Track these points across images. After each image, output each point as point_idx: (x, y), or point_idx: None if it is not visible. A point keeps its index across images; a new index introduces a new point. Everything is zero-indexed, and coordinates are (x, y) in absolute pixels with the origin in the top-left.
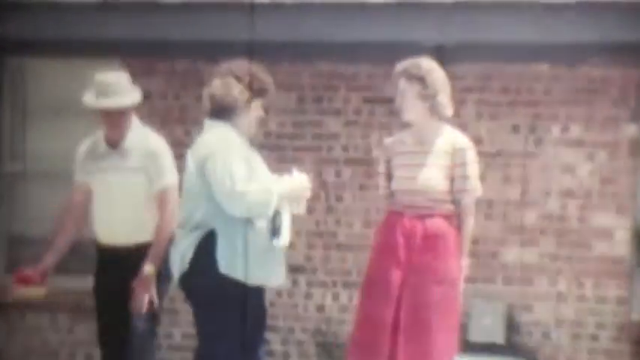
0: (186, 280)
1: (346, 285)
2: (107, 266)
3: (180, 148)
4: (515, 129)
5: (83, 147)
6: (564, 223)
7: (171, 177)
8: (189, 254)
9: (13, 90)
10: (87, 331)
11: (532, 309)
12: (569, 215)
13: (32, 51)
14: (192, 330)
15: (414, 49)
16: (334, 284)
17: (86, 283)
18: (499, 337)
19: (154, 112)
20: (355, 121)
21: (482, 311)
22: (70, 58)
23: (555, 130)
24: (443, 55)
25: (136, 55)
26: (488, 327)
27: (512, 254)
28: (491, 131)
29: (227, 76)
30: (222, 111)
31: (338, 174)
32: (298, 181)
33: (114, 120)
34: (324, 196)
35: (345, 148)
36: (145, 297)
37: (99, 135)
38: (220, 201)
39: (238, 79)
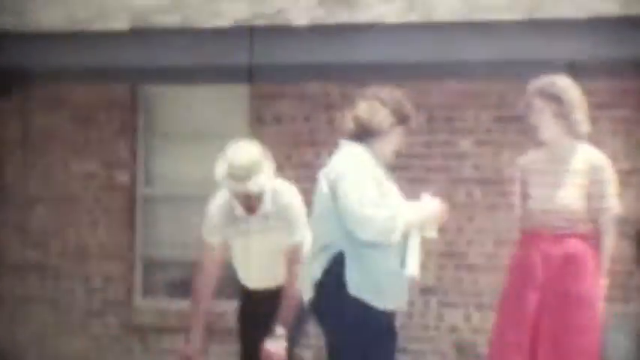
0: (315, 302)
1: (478, 306)
2: (251, 300)
3: (309, 170)
4: None
5: (215, 209)
6: None
7: (301, 234)
8: (317, 276)
9: (147, 116)
10: (222, 352)
11: None
12: None
13: (164, 78)
14: (322, 353)
15: (546, 65)
16: (466, 306)
17: (218, 305)
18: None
19: (283, 135)
20: (486, 140)
21: (618, 331)
22: (200, 84)
23: None
24: (575, 71)
25: (265, 80)
26: (625, 347)
27: None
28: (626, 147)
29: (373, 99)
30: (364, 134)
31: (469, 194)
32: (430, 207)
33: (250, 197)
34: (454, 217)
35: (475, 168)
36: (275, 357)
37: (233, 201)
38: (347, 223)
39: (384, 103)
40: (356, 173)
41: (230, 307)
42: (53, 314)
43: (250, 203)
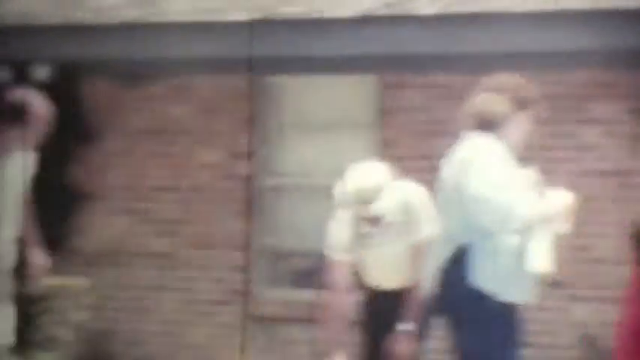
0: (439, 293)
1: (605, 300)
2: (377, 298)
3: (432, 160)
4: None
5: (338, 227)
6: None
7: (428, 228)
8: (441, 266)
9: (270, 107)
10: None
11: None
12: None
13: (284, 68)
14: (441, 345)
15: None
16: (594, 299)
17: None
18: None
19: (406, 125)
20: (612, 132)
21: None
22: (322, 74)
23: None
24: None
25: (389, 70)
26: None
27: None
28: None
29: (491, 88)
30: (487, 124)
31: (594, 186)
32: (561, 201)
33: (375, 218)
34: (581, 209)
35: (601, 159)
36: (402, 354)
37: (355, 218)
38: (468, 206)
39: (503, 90)
40: (483, 158)
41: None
42: (179, 303)
43: (375, 221)
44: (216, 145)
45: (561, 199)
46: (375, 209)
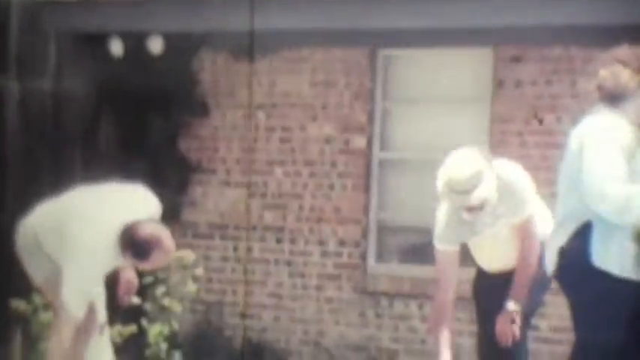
0: (559, 271)
1: None
2: (487, 277)
3: (552, 136)
4: None
5: (443, 217)
6: None
7: (531, 207)
8: (562, 244)
9: (385, 80)
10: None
11: None
12: None
13: (403, 42)
14: (560, 323)
15: None
16: None
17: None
18: None
19: (524, 99)
20: None
21: None
22: (437, 47)
23: None
24: None
25: (508, 42)
26: None
27: None
28: None
29: (614, 61)
30: (611, 99)
31: None
32: None
33: (475, 207)
34: None
35: None
36: (508, 332)
37: (457, 208)
38: (584, 195)
39: (625, 64)
40: (605, 142)
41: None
42: (289, 277)
43: (475, 209)
44: (330, 119)
45: None
46: (475, 198)
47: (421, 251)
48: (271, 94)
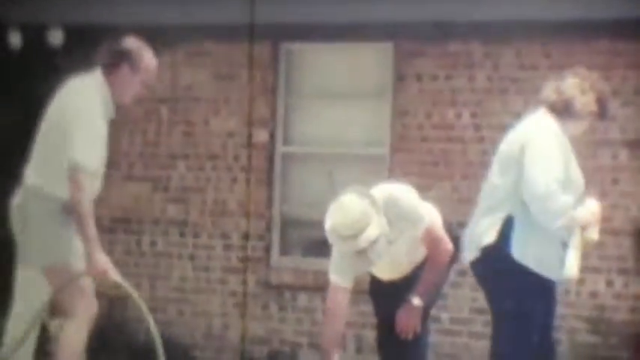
0: (478, 263)
1: (621, 271)
2: (381, 289)
3: (449, 131)
4: None
5: (336, 256)
6: None
7: (424, 215)
8: (483, 237)
9: (288, 74)
10: (357, 313)
11: None
12: None
13: (305, 36)
14: (460, 315)
15: None
16: (608, 271)
17: None
18: None
19: (424, 94)
20: (633, 102)
21: None
22: (340, 42)
23: None
24: None
25: (407, 38)
26: None
27: None
28: None
29: (583, 79)
30: (561, 110)
31: (615, 156)
32: (592, 209)
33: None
34: (598, 180)
35: (622, 130)
36: (410, 326)
37: (344, 250)
38: (525, 191)
39: (592, 89)
40: (549, 145)
41: None
42: (193, 270)
43: (367, 251)
44: (233, 113)
45: (592, 207)
46: (363, 241)
47: (325, 245)
48: (174, 88)
